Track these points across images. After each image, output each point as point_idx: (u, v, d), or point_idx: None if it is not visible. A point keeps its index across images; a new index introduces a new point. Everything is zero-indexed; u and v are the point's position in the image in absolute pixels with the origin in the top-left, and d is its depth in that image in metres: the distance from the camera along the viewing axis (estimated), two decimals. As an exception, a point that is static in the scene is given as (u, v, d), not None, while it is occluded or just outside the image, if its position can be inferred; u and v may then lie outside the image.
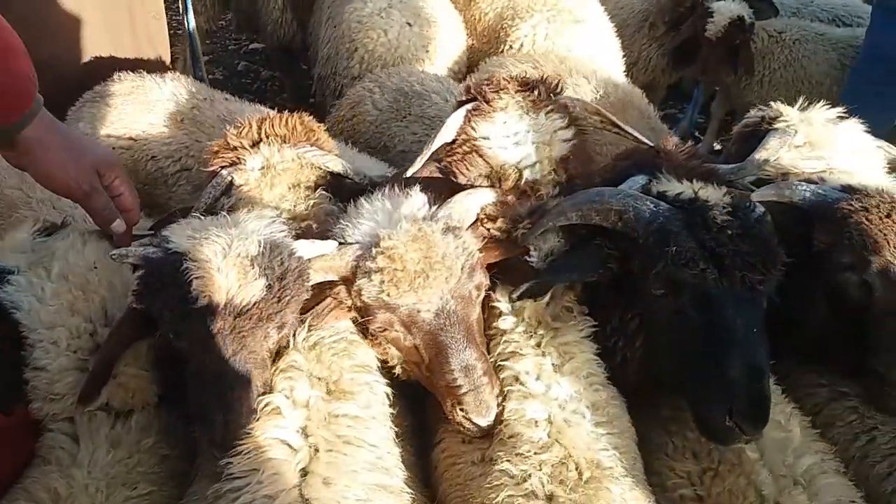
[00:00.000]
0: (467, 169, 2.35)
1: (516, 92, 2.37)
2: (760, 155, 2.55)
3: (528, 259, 2.22)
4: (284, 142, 2.55)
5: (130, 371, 2.24)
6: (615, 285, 2.21)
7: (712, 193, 2.13)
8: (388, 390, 2.20)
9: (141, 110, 3.63)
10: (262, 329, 2.04)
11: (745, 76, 5.69)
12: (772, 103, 2.72)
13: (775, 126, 2.62)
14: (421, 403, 2.44)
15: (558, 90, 2.45)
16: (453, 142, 2.41)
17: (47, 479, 2.04)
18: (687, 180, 2.19)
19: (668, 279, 2.04)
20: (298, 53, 5.91)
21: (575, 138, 2.37)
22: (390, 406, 2.18)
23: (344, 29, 4.53)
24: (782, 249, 2.07)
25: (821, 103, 2.69)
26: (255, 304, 2.00)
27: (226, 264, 1.98)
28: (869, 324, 2.24)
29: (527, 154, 2.32)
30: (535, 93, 2.37)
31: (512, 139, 2.33)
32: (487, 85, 2.41)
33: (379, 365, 2.27)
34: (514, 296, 2.18)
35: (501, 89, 2.37)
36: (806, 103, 2.70)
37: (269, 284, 2.01)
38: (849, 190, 2.31)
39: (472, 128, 2.36)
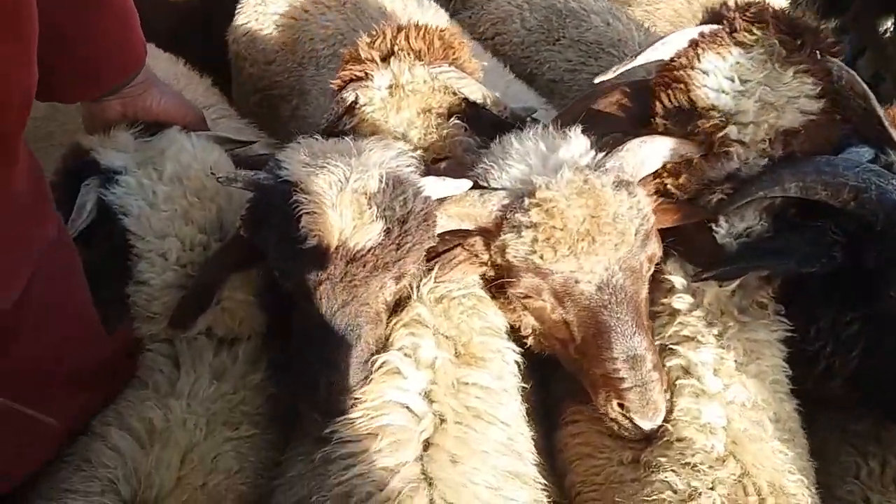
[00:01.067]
0: (668, 99, 1.89)
1: (777, 32, 1.85)
2: None
3: (714, 230, 1.83)
4: (418, 58, 2.20)
5: (238, 297, 2.03)
6: (832, 279, 1.81)
7: None
8: (520, 359, 1.93)
9: None
10: (378, 279, 1.79)
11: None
12: None
13: None
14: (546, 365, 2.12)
15: (833, 49, 1.89)
16: (669, 62, 1.95)
17: (142, 407, 1.88)
18: None
19: None
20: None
21: (820, 114, 1.85)
22: (522, 379, 1.92)
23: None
24: None
25: None
26: (370, 250, 1.75)
27: (341, 200, 1.74)
28: None
29: (745, 109, 1.83)
30: (799, 42, 1.85)
31: (736, 84, 1.84)
32: (745, 11, 1.89)
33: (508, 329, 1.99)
34: (704, 276, 1.83)
35: (759, 22, 1.86)
36: None
37: (389, 228, 1.76)
38: None
39: (697, 54, 1.88)
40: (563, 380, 2.05)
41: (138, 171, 2.05)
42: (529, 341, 1.97)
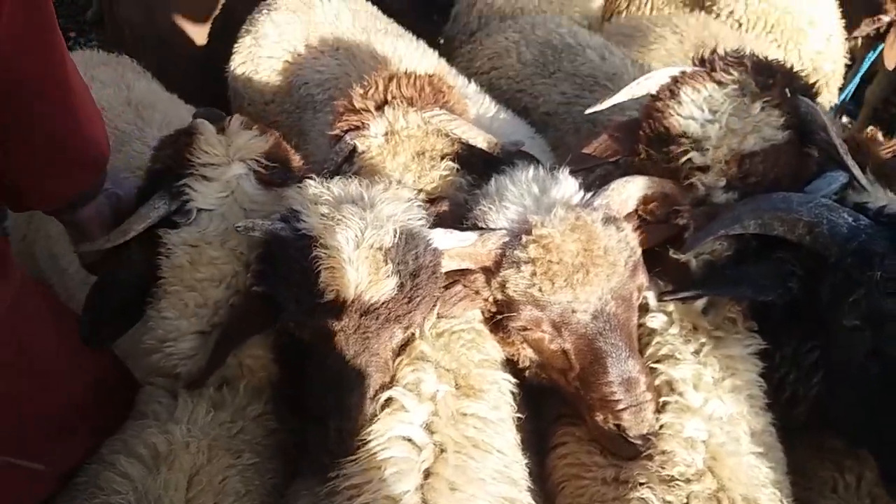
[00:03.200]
0: (649, 128, 2.24)
1: (753, 73, 2.20)
2: None
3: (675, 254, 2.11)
4: (411, 105, 2.48)
5: (258, 353, 2.19)
6: (792, 309, 2.06)
7: None
8: (516, 390, 2.15)
9: (302, 31, 3.69)
10: (389, 329, 1.99)
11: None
12: None
13: None
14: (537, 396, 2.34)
15: (806, 88, 2.26)
16: (654, 96, 2.32)
17: (145, 434, 2.04)
18: (887, 187, 2.07)
19: (868, 310, 1.88)
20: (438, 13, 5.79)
21: (784, 144, 2.15)
22: (517, 409, 2.13)
23: (467, -18, 4.41)
24: None
25: None
26: (384, 304, 1.95)
27: (358, 256, 1.92)
28: None
29: (710, 135, 2.15)
30: (770, 81, 2.19)
31: (706, 114, 2.17)
32: (724, 57, 2.26)
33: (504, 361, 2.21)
34: (666, 298, 2.10)
35: (735, 64, 2.22)
36: None
37: (402, 283, 1.95)
38: None
39: (676, 87, 2.24)
40: (553, 406, 2.27)
41: (208, 225, 2.18)
42: (528, 373, 2.19)
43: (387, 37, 3.63)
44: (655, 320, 2.13)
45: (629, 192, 2.15)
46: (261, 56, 3.74)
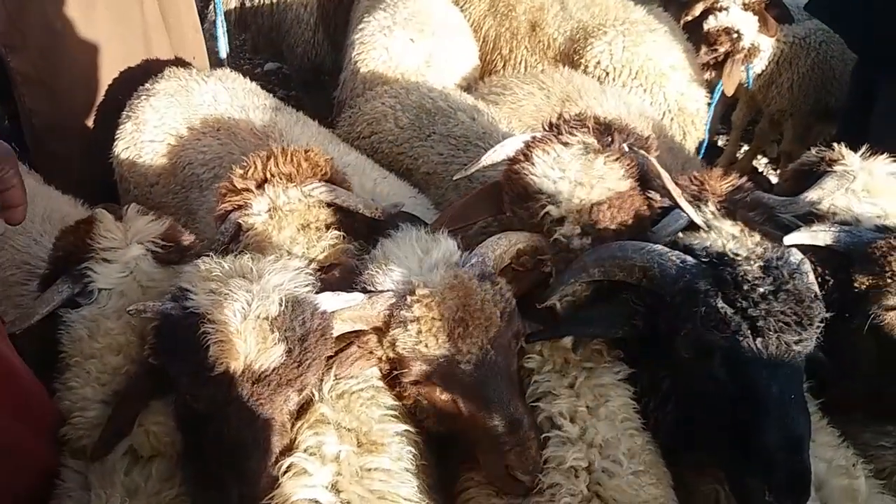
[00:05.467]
0: (510, 188, 2.56)
1: (592, 131, 2.56)
2: (814, 193, 2.70)
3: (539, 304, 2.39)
4: (290, 180, 2.69)
5: (161, 419, 2.32)
6: (645, 342, 2.28)
7: (743, 245, 2.26)
8: (419, 439, 2.34)
9: (181, 114, 3.94)
10: (282, 394, 2.14)
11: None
12: (835, 146, 2.88)
13: (834, 168, 2.79)
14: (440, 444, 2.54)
15: (641, 142, 2.63)
16: (511, 159, 2.65)
17: None
18: (729, 218, 2.40)
19: (698, 342, 2.12)
20: (327, 75, 6.14)
21: (628, 190, 2.51)
22: (421, 457, 2.31)
23: (351, 51, 4.80)
24: (820, 303, 2.19)
25: (884, 155, 2.87)
26: (273, 370, 2.10)
27: (245, 327, 2.07)
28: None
29: (562, 190, 2.48)
30: (609, 138, 2.55)
31: (556, 172, 2.50)
32: (567, 121, 2.61)
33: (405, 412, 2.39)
34: (531, 340, 2.38)
35: (579, 126, 2.57)
36: (868, 152, 2.88)
37: (290, 349, 2.11)
38: (883, 230, 2.52)
39: (529, 151, 2.56)
40: (456, 452, 2.47)
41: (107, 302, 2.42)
42: (426, 423, 2.39)
43: (265, 112, 3.90)
44: (532, 361, 2.40)
45: (502, 247, 2.44)
46: (143, 140, 3.96)
